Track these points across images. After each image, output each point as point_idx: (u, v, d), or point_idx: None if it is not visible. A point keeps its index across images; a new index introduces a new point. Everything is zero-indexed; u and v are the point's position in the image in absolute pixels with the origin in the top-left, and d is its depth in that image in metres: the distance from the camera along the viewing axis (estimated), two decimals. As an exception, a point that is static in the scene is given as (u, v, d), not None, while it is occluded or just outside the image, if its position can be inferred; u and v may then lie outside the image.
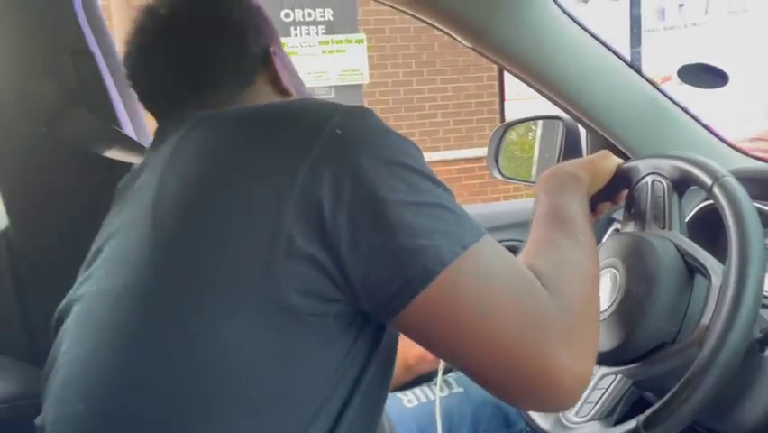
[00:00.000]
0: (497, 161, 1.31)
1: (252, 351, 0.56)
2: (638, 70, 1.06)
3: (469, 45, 1.03)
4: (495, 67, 1.05)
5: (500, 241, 1.26)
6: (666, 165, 0.77)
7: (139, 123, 1.05)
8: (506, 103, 4.62)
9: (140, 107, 0.80)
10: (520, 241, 1.20)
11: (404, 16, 1.03)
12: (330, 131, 0.58)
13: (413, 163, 0.59)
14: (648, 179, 0.78)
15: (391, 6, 1.02)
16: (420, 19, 1.02)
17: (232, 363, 0.55)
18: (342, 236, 0.55)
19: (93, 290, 0.63)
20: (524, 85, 1.07)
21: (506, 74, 1.10)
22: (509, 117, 3.99)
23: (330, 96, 4.43)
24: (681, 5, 3.62)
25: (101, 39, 1.01)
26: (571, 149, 1.19)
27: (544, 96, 1.07)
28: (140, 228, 0.61)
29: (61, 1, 0.95)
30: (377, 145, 0.58)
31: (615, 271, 0.76)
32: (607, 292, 0.75)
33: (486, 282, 0.56)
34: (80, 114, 0.95)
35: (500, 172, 1.31)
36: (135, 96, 0.75)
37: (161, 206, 0.61)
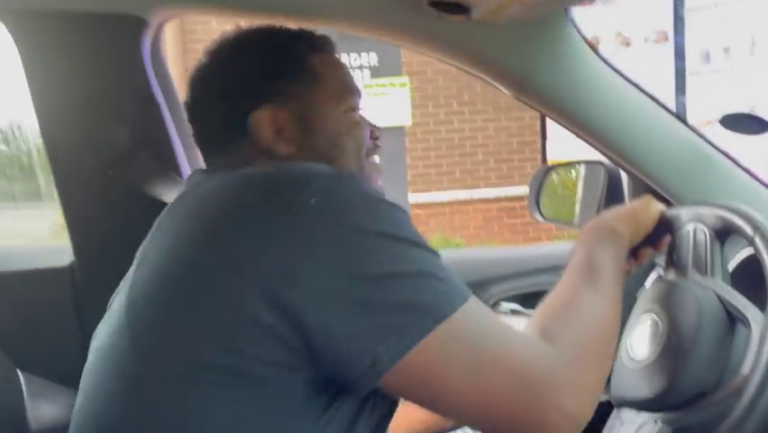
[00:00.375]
0: (538, 204, 1.32)
1: (220, 415, 0.56)
2: (678, 116, 1.07)
3: (510, 93, 1.06)
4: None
5: (540, 284, 1.26)
6: (708, 213, 0.78)
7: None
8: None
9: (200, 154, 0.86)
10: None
11: (445, 59, 1.07)
12: (305, 200, 0.57)
13: (394, 231, 0.57)
14: (690, 227, 0.79)
15: (436, 58, 1.06)
16: (463, 69, 1.06)
17: (201, 425, 0.57)
18: (310, 313, 0.54)
19: (95, 345, 0.68)
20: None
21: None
22: (552, 153, 3.97)
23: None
24: (727, 49, 3.59)
25: (165, 87, 1.08)
26: (613, 194, 1.19)
27: (586, 141, 1.09)
28: (125, 290, 0.64)
29: (131, 52, 1.02)
30: (357, 214, 0.57)
31: (656, 318, 0.76)
32: (648, 339, 0.75)
33: (471, 344, 0.56)
34: (144, 159, 1.01)
35: (542, 214, 1.32)
36: (195, 142, 0.81)
37: (139, 270, 0.64)
